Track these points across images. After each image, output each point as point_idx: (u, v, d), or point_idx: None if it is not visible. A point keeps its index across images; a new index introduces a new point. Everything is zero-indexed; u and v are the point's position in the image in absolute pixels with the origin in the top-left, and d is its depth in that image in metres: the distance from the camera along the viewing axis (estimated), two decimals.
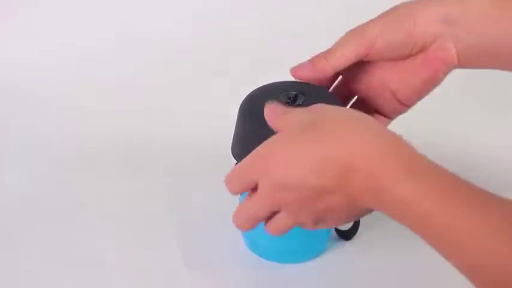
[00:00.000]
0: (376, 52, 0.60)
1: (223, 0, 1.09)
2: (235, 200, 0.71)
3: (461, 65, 0.61)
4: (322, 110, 0.53)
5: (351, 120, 0.51)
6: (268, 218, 0.56)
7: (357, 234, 0.73)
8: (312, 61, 0.62)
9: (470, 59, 0.61)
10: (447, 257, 0.46)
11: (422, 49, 0.61)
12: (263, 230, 0.70)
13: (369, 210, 0.52)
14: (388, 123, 0.65)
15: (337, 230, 0.73)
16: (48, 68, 1.02)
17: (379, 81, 0.64)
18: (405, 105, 0.64)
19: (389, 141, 0.49)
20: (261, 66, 0.98)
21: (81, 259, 0.73)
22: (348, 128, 0.50)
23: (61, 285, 0.71)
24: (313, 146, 0.50)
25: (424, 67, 0.61)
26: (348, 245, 0.73)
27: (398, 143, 0.49)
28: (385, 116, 0.65)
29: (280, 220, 0.55)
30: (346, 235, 0.73)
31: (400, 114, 0.65)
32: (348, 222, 0.55)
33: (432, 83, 0.62)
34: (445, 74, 0.62)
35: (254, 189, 0.54)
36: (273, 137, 0.53)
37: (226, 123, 0.66)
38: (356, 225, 0.72)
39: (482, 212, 0.44)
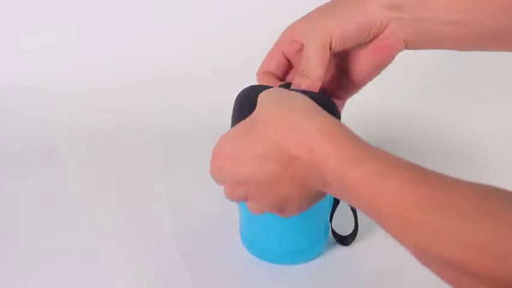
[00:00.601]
0: (333, 48, 0.62)
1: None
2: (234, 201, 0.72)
3: (409, 47, 0.64)
4: (263, 103, 0.55)
5: (290, 108, 0.53)
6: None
7: (355, 240, 0.73)
8: (299, 85, 0.63)
9: (417, 42, 0.63)
10: (395, 236, 0.47)
11: (375, 37, 0.63)
12: (261, 232, 0.71)
13: (323, 193, 0.54)
14: (343, 104, 0.68)
15: (335, 236, 0.73)
16: (48, 65, 1.02)
17: (337, 69, 0.66)
18: (358, 86, 0.67)
19: (331, 127, 0.50)
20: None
21: (80, 261, 0.73)
22: (286, 117, 0.52)
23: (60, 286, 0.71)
24: (255, 140, 0.53)
25: (374, 54, 0.64)
26: (346, 250, 0.73)
27: (339, 128, 0.50)
28: (339, 98, 0.67)
29: (250, 205, 0.58)
30: (345, 241, 0.73)
31: (353, 94, 0.68)
32: (310, 206, 0.57)
33: (382, 66, 0.65)
34: (393, 57, 0.64)
35: None
36: (223, 134, 0.56)
37: (227, 122, 0.66)
38: (355, 231, 0.72)
39: (420, 190, 0.45)
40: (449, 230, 0.42)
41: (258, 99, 0.56)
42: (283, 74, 0.67)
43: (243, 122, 0.56)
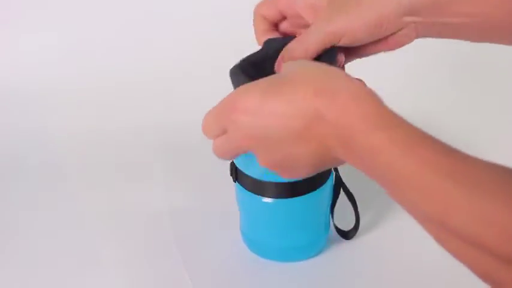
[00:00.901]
0: (340, 44, 0.61)
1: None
2: (235, 199, 0.72)
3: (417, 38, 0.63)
4: (292, 66, 0.54)
5: (322, 72, 0.52)
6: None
7: (357, 234, 0.73)
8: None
9: (427, 36, 0.63)
10: (410, 208, 0.46)
11: (386, 37, 0.62)
12: (261, 229, 0.71)
13: (337, 161, 0.52)
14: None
15: (337, 230, 0.73)
16: (48, 65, 1.02)
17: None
18: (355, 58, 0.66)
19: (362, 92, 0.50)
20: None
21: (80, 261, 0.73)
22: (318, 79, 0.51)
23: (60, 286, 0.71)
24: (281, 96, 0.51)
25: (381, 46, 0.63)
26: (347, 245, 0.73)
27: (370, 94, 0.50)
28: None
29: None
30: (347, 234, 0.73)
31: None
32: (315, 172, 0.55)
33: (384, 52, 0.64)
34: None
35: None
36: (245, 85, 0.54)
37: None
38: (356, 225, 0.72)
39: (442, 161, 0.45)
40: (469, 204, 0.42)
41: (284, 66, 0.55)
42: (278, 22, 0.67)
43: (264, 79, 0.54)
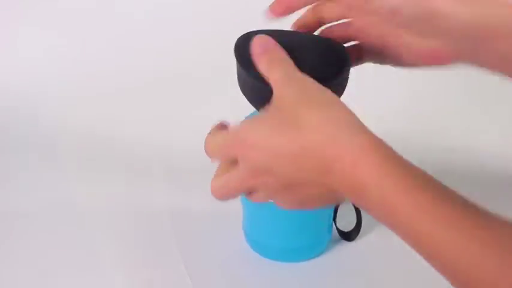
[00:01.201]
0: (396, 23, 0.56)
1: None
2: (237, 198, 0.71)
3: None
4: (289, 101, 0.51)
5: (330, 118, 0.50)
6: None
7: (359, 235, 0.73)
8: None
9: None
10: (429, 260, 0.46)
11: (432, 36, 0.56)
12: (265, 229, 0.71)
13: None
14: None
15: (339, 231, 0.73)
16: (48, 66, 1.02)
17: (371, 52, 0.60)
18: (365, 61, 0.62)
19: (371, 140, 0.48)
20: None
21: (80, 261, 0.73)
22: (326, 130, 0.49)
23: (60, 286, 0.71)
24: (294, 137, 0.49)
25: (422, 57, 0.57)
26: (349, 246, 0.73)
27: (379, 143, 0.49)
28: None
29: (257, 198, 0.55)
30: (348, 236, 0.73)
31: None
32: (328, 206, 0.55)
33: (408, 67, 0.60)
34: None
35: (234, 162, 0.53)
36: (256, 117, 0.52)
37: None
38: (358, 227, 0.72)
39: (464, 221, 0.44)
40: (498, 276, 0.42)
41: (278, 92, 0.51)
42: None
43: (270, 114, 0.51)
